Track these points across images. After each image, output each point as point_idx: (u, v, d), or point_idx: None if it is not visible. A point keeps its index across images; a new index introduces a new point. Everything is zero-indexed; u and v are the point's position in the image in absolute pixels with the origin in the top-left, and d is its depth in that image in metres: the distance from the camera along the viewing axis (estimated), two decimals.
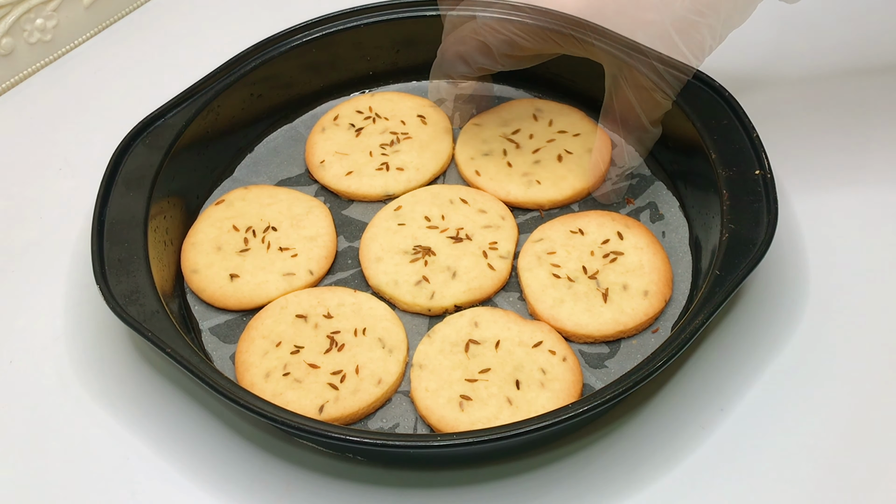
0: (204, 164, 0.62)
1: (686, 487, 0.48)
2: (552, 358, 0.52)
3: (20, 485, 0.50)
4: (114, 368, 0.54)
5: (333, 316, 0.55)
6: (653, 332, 0.54)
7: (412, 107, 0.66)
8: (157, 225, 0.56)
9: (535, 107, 0.65)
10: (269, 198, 0.61)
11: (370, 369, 0.52)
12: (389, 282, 0.56)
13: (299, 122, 0.67)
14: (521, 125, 0.64)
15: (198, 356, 0.49)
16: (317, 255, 0.58)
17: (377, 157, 0.63)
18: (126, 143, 0.58)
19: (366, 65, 0.67)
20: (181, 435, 0.51)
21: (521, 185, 0.60)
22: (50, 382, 0.54)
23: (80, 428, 0.52)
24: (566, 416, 0.45)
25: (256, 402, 0.46)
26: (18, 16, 0.69)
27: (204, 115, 0.61)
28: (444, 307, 0.55)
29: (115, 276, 0.52)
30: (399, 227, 0.59)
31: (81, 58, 0.73)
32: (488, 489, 0.49)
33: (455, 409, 0.50)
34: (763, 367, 0.53)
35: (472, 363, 0.52)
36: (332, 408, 0.51)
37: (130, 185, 0.56)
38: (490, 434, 0.45)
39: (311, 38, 0.64)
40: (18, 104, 0.70)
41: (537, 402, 0.50)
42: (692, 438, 0.50)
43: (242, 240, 0.58)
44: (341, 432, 0.46)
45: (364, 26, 0.65)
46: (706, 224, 0.56)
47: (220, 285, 0.56)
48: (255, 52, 0.63)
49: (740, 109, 0.57)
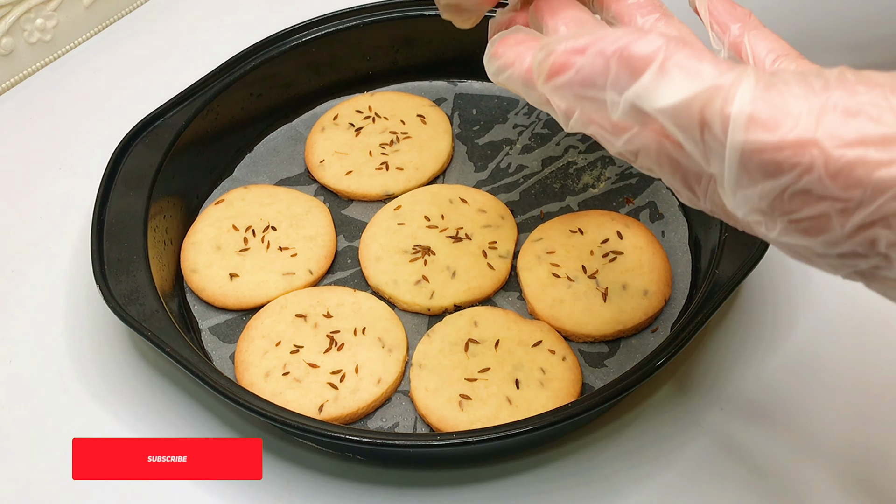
0: (203, 163, 0.62)
1: (686, 487, 0.48)
2: (552, 357, 0.52)
3: (20, 485, 0.50)
4: (114, 368, 0.54)
5: (333, 315, 0.55)
6: (652, 331, 0.54)
7: (412, 106, 0.66)
8: (157, 224, 0.56)
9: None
10: (269, 197, 0.61)
11: (370, 369, 0.52)
12: (389, 281, 0.56)
13: (299, 121, 0.67)
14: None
15: (197, 356, 0.49)
16: (316, 255, 0.58)
17: (377, 157, 0.63)
18: (126, 142, 0.58)
19: (365, 64, 0.67)
20: (181, 434, 0.51)
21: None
22: (50, 382, 0.54)
23: (80, 428, 0.52)
24: (566, 416, 0.45)
25: (256, 402, 0.46)
26: (18, 16, 0.69)
27: (204, 114, 0.61)
28: (443, 306, 0.55)
29: (115, 276, 0.52)
30: (399, 226, 0.59)
31: (81, 58, 0.73)
32: (488, 489, 0.49)
33: (455, 409, 0.50)
34: (762, 366, 0.53)
35: (472, 362, 0.52)
36: (331, 407, 0.51)
37: (130, 185, 0.56)
38: (490, 433, 0.45)
39: (311, 38, 0.64)
40: (18, 104, 0.70)
41: (537, 401, 0.50)
42: (692, 438, 0.50)
43: (242, 239, 0.58)
44: (341, 431, 0.46)
45: (363, 26, 0.65)
46: (706, 223, 0.56)
47: (219, 285, 0.56)
48: (255, 51, 0.63)
49: None
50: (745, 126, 0.29)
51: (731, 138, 0.29)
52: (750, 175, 0.29)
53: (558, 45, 0.32)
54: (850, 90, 0.29)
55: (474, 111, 0.67)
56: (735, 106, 0.29)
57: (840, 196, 0.28)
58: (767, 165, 0.29)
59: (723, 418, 0.51)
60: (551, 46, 0.33)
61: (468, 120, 0.66)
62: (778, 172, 0.29)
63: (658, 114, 0.30)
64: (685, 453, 0.49)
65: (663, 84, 0.30)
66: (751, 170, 0.29)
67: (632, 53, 0.30)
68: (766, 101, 0.29)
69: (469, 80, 0.68)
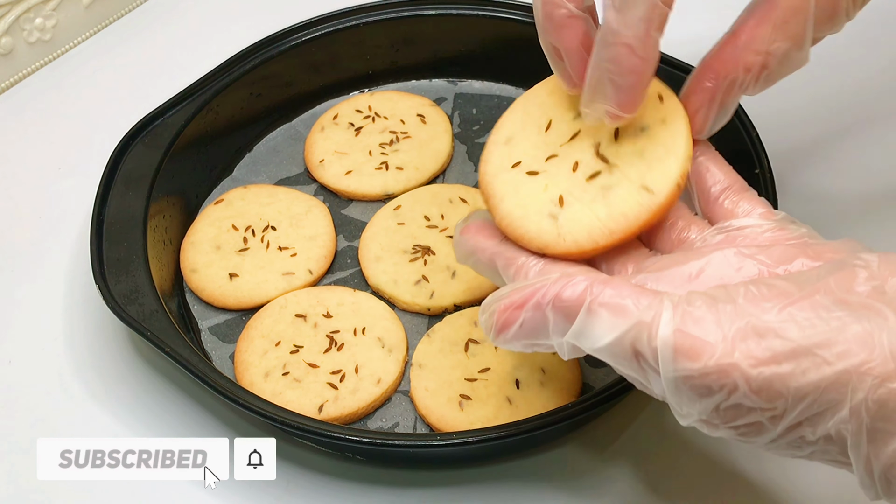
0: (203, 163, 0.62)
1: (688, 487, 0.48)
2: (552, 357, 0.52)
3: (20, 485, 0.50)
4: (113, 368, 0.54)
5: (333, 315, 0.54)
6: None
7: (412, 106, 0.66)
8: (157, 224, 0.56)
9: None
10: (269, 197, 0.61)
11: (370, 369, 0.52)
12: (389, 281, 0.56)
13: (298, 121, 0.67)
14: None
15: (197, 356, 0.49)
16: (316, 255, 0.58)
17: (376, 157, 0.63)
18: (125, 142, 0.58)
19: (365, 64, 0.67)
20: (181, 434, 0.51)
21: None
22: (50, 382, 0.54)
23: (80, 428, 0.52)
24: (566, 416, 0.45)
25: (256, 402, 0.46)
26: (18, 15, 0.69)
27: (203, 114, 0.61)
28: (443, 306, 0.55)
29: (115, 276, 0.52)
30: (398, 226, 0.59)
31: (81, 57, 0.73)
32: (488, 489, 0.49)
33: (454, 409, 0.50)
34: None
35: (472, 362, 0.52)
36: (331, 407, 0.51)
37: (129, 185, 0.56)
38: (490, 434, 0.45)
39: (311, 38, 0.64)
40: (18, 104, 0.70)
41: (537, 401, 0.50)
42: (692, 438, 0.50)
43: (242, 239, 0.58)
44: (341, 432, 0.46)
45: (363, 25, 0.65)
46: None
47: (219, 285, 0.56)
48: (255, 51, 0.63)
49: (740, 108, 0.57)
50: (673, 358, 0.33)
51: (662, 370, 0.33)
52: (687, 396, 0.33)
53: (497, 305, 0.37)
54: (759, 307, 0.33)
55: (474, 111, 0.67)
56: (659, 341, 0.33)
57: (766, 407, 0.32)
58: (699, 388, 0.33)
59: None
60: (492, 307, 0.37)
61: (468, 120, 0.66)
62: (709, 393, 0.33)
63: (596, 353, 0.35)
64: (686, 453, 0.49)
65: (595, 325, 0.34)
66: (686, 392, 0.33)
67: (563, 300, 0.35)
68: (685, 333, 0.33)
69: (469, 80, 0.68)
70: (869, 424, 0.31)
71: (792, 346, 0.32)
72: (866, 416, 0.31)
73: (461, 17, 0.65)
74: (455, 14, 0.65)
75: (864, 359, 0.31)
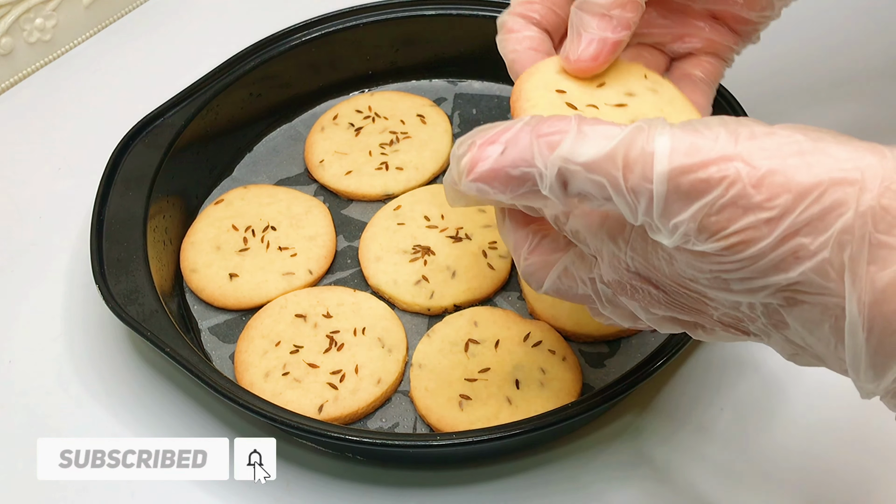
0: (203, 163, 0.62)
1: (689, 487, 0.48)
2: (552, 357, 0.52)
3: (20, 485, 0.50)
4: (113, 368, 0.54)
5: (333, 315, 0.55)
6: (652, 331, 0.54)
7: (412, 106, 0.66)
8: (157, 224, 0.56)
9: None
10: (269, 197, 0.61)
11: (370, 369, 0.52)
12: (389, 281, 0.56)
13: (299, 121, 0.67)
14: None
15: (197, 356, 0.49)
16: (316, 255, 0.58)
17: (376, 157, 0.63)
18: (125, 142, 0.58)
19: (365, 64, 0.67)
20: (181, 434, 0.51)
21: None
22: (50, 382, 0.54)
23: (80, 428, 0.52)
24: (566, 416, 0.45)
25: (256, 402, 0.46)
26: (18, 15, 0.69)
27: (203, 114, 0.61)
28: (443, 306, 0.55)
29: (115, 276, 0.52)
30: (398, 226, 0.59)
31: (81, 58, 0.73)
32: (488, 489, 0.49)
33: (454, 409, 0.50)
34: (763, 366, 0.52)
35: (472, 362, 0.52)
36: (331, 407, 0.51)
37: (129, 185, 0.56)
38: (490, 434, 0.45)
39: (311, 38, 0.64)
40: (18, 104, 0.70)
41: (537, 401, 0.50)
42: (692, 438, 0.50)
43: (242, 239, 0.58)
44: (340, 432, 0.46)
45: (363, 26, 0.65)
46: None
47: (219, 285, 0.56)
48: (255, 51, 0.63)
49: (738, 106, 0.57)
50: (669, 155, 0.31)
51: (657, 169, 0.31)
52: (678, 198, 0.31)
53: (480, 135, 0.34)
54: (761, 122, 0.31)
55: (474, 111, 0.67)
56: (657, 143, 0.31)
57: (764, 205, 0.30)
58: (695, 184, 0.30)
59: (723, 418, 0.51)
60: (473, 137, 0.35)
61: (468, 120, 0.66)
62: (706, 189, 0.30)
63: (583, 168, 0.32)
64: (686, 453, 0.49)
65: (584, 143, 0.32)
66: (679, 193, 0.31)
67: (552, 125, 0.33)
68: (685, 135, 0.31)
69: (469, 80, 0.68)
70: (873, 236, 0.29)
71: (800, 147, 0.30)
72: (871, 224, 0.29)
73: (461, 17, 0.65)
74: (455, 14, 0.65)
75: (875, 163, 0.29)
